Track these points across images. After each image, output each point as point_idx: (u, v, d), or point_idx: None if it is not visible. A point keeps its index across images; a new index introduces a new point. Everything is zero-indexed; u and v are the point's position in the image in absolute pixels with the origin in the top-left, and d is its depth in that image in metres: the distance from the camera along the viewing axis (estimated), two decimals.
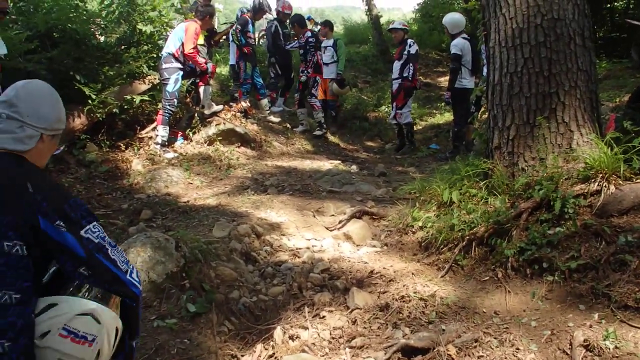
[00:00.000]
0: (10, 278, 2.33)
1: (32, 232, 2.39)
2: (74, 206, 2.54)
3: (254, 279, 5.77)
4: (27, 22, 9.83)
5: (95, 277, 2.53)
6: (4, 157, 2.54)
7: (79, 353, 2.45)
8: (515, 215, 5.31)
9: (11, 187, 2.44)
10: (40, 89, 2.78)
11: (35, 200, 2.42)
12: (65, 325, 2.41)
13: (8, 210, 2.37)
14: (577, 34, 5.66)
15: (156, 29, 11.69)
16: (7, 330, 2.28)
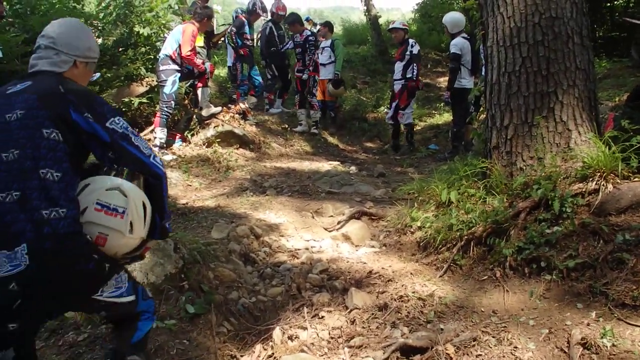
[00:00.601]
0: (51, 159, 2.87)
1: (64, 123, 2.95)
2: (99, 103, 3.12)
3: (252, 279, 5.77)
4: (24, 25, 9.84)
5: (121, 160, 3.08)
6: (44, 74, 3.18)
7: (113, 224, 3.01)
8: (514, 215, 5.31)
9: (46, 90, 3.02)
10: (72, 23, 3.44)
11: (66, 98, 2.99)
12: (97, 199, 3.00)
13: (44, 106, 2.94)
14: (575, 32, 5.66)
15: (153, 31, 11.71)
16: (60, 200, 2.83)
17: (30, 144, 2.85)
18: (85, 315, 4.49)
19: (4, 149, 2.85)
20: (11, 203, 2.76)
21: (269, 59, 14.47)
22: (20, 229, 2.72)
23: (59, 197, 2.82)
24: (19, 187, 2.78)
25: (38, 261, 2.72)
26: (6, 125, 2.90)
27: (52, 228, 2.76)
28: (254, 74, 14.15)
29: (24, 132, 2.88)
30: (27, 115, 2.91)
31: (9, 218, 2.73)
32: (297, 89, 14.44)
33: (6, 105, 2.97)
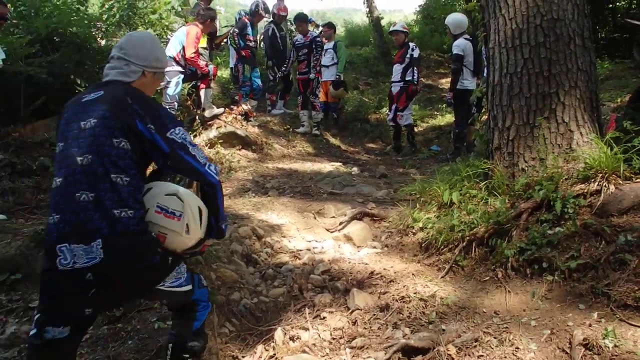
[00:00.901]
0: (122, 166, 3.20)
1: (132, 132, 3.24)
2: (162, 114, 3.42)
3: (254, 280, 5.78)
4: (28, 26, 9.86)
5: (179, 168, 3.43)
6: (115, 84, 3.48)
7: (171, 225, 3.36)
8: (516, 216, 5.31)
9: (116, 101, 3.32)
10: (143, 36, 3.83)
11: (133, 109, 3.28)
12: (158, 203, 3.35)
13: (114, 117, 3.24)
14: (577, 34, 5.67)
15: (157, 33, 11.71)
16: (129, 202, 3.17)
17: (102, 151, 3.18)
18: None
19: (80, 154, 3.19)
20: (86, 202, 3.11)
21: (275, 60, 14.47)
22: (96, 226, 3.07)
23: (128, 200, 3.17)
24: (93, 189, 3.13)
25: (111, 255, 3.07)
26: (82, 132, 3.24)
27: (124, 226, 3.12)
28: (254, 76, 14.13)
29: (97, 140, 3.19)
30: (99, 124, 3.23)
31: (84, 216, 3.09)
32: (300, 90, 14.43)
33: (82, 113, 3.31)
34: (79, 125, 3.27)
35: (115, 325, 4.42)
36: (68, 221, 3.11)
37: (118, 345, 4.18)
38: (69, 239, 3.07)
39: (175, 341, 3.77)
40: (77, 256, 3.05)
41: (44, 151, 8.87)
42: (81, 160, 3.18)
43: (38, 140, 8.92)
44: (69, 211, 3.12)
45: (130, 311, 4.57)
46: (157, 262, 3.32)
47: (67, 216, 3.12)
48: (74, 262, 3.05)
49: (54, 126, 9.25)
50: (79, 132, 3.25)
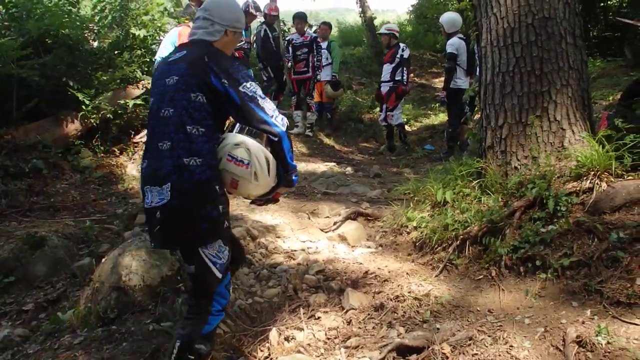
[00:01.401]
0: (197, 118, 3.58)
1: (207, 87, 3.60)
2: (235, 70, 3.71)
3: (249, 281, 5.77)
4: (20, 29, 9.82)
5: (248, 120, 3.70)
6: (199, 43, 3.84)
7: (240, 173, 3.72)
8: (509, 214, 5.33)
9: (194, 59, 3.69)
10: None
11: (209, 67, 3.61)
12: (228, 152, 3.70)
13: (192, 73, 3.62)
14: (568, 32, 5.68)
15: (149, 34, 11.67)
16: (199, 152, 3.55)
17: (181, 104, 3.59)
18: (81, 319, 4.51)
19: (162, 107, 3.66)
20: (164, 150, 3.57)
21: (266, 61, 14.46)
22: (168, 171, 3.52)
23: (199, 149, 3.56)
24: (170, 138, 3.57)
25: (176, 198, 3.51)
26: (165, 88, 3.69)
27: (190, 173, 3.51)
28: None
29: (177, 95, 3.62)
30: (180, 80, 3.64)
31: (161, 163, 3.56)
32: (294, 90, 14.41)
33: (166, 72, 3.74)
34: (164, 82, 3.71)
35: (110, 327, 4.42)
36: (151, 167, 3.65)
37: (112, 347, 4.18)
38: (150, 182, 3.62)
39: (183, 341, 3.81)
40: (153, 196, 3.58)
41: (37, 154, 8.87)
42: (163, 113, 3.64)
43: (31, 142, 8.91)
44: (152, 158, 3.66)
45: (124, 313, 4.57)
46: (214, 216, 3.65)
47: (150, 162, 3.66)
48: (151, 202, 3.59)
49: (46, 128, 9.27)
50: (164, 88, 3.71)
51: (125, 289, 4.65)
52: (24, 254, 5.72)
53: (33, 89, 9.38)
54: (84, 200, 8.36)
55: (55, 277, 5.72)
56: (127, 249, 4.93)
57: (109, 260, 4.89)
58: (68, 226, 6.96)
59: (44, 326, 4.73)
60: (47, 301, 5.27)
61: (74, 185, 8.86)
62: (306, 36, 13.98)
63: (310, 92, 14.21)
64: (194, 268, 3.78)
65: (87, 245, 6.38)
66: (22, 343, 4.54)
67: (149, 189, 3.63)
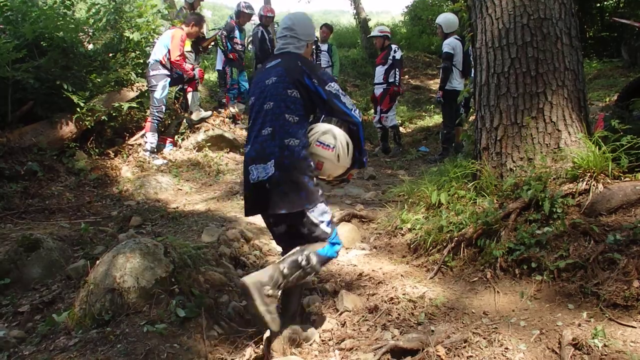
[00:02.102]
0: (293, 109, 4.41)
1: (301, 85, 4.45)
2: (322, 73, 4.61)
3: None
4: (15, 31, 9.81)
5: (333, 112, 4.54)
6: (291, 54, 4.70)
7: (327, 155, 4.54)
8: (504, 216, 5.31)
9: (290, 65, 4.56)
10: (305, 18, 4.92)
11: (302, 69, 4.49)
12: (317, 139, 4.54)
13: (288, 74, 4.49)
14: (564, 33, 5.69)
15: (143, 36, 11.68)
16: (295, 134, 4.35)
17: (280, 98, 4.44)
18: (76, 321, 4.49)
19: (265, 101, 4.50)
20: (266, 135, 4.39)
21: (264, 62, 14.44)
22: (271, 150, 4.32)
23: (295, 132, 4.36)
24: (271, 125, 4.40)
25: (280, 170, 4.29)
26: (267, 87, 4.54)
27: (290, 151, 4.30)
28: (242, 79, 14.13)
29: (276, 91, 4.47)
30: (278, 80, 4.50)
31: (264, 145, 4.37)
32: None
33: (267, 74, 4.63)
34: (264, 83, 4.58)
35: (104, 329, 4.38)
36: (255, 149, 4.43)
37: (107, 349, 4.15)
38: (255, 161, 4.40)
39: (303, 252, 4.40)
40: (259, 172, 4.36)
41: (32, 156, 8.86)
42: (266, 106, 4.47)
43: (26, 145, 8.91)
44: (256, 143, 4.45)
45: (119, 315, 4.54)
46: (309, 185, 4.36)
47: (255, 146, 4.45)
48: (257, 177, 4.37)
49: (41, 131, 9.26)
50: (264, 87, 4.57)
51: (120, 291, 4.62)
52: (19, 256, 5.69)
53: (28, 91, 9.37)
54: (79, 203, 8.34)
55: (51, 279, 5.69)
56: (121, 251, 4.89)
57: (103, 262, 4.86)
58: (63, 228, 6.94)
59: (39, 328, 4.70)
60: (42, 303, 5.24)
61: (69, 188, 8.85)
62: None
63: None
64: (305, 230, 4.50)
65: (81, 248, 6.35)
66: (18, 344, 4.51)
67: (254, 167, 4.41)
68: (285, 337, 4.35)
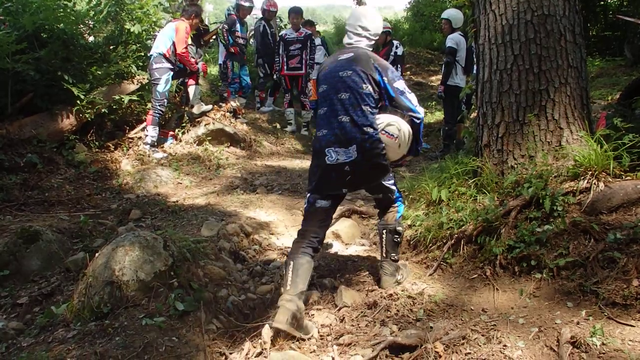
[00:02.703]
0: (367, 101, 4.95)
1: (373, 81, 4.98)
2: (391, 71, 5.08)
3: (242, 277, 5.75)
4: (15, 23, 9.78)
5: (399, 106, 5.08)
6: (363, 49, 5.19)
7: (390, 143, 5.02)
8: (504, 213, 5.30)
9: (363, 60, 5.05)
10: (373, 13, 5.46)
11: (374, 66, 5.00)
12: (383, 128, 5.01)
13: (363, 70, 4.98)
14: (568, 30, 5.66)
15: (144, 29, 11.65)
16: (371, 123, 4.93)
17: (356, 91, 4.96)
18: (75, 313, 4.49)
19: (340, 92, 5.01)
20: (346, 122, 4.93)
21: (265, 57, 14.38)
22: (353, 136, 4.88)
23: (372, 121, 4.95)
24: (349, 113, 4.94)
25: (361, 154, 4.89)
26: (341, 78, 5.03)
27: (369, 136, 4.90)
28: (243, 74, 14.08)
29: (353, 84, 4.97)
30: (354, 74, 4.99)
31: (345, 131, 4.91)
32: (287, 87, 14.25)
33: (340, 66, 5.10)
34: (338, 74, 5.06)
35: (103, 321, 4.37)
36: (333, 134, 4.96)
37: (105, 342, 4.14)
38: (333, 144, 4.93)
39: (388, 228, 5.38)
40: (339, 155, 4.90)
41: (32, 148, 8.85)
42: (341, 96, 4.99)
43: (25, 137, 8.90)
44: (333, 128, 4.98)
45: (117, 308, 4.54)
46: (385, 163, 5.06)
47: (332, 131, 4.97)
48: (337, 159, 4.91)
49: (41, 123, 9.24)
50: (339, 78, 5.04)
51: (119, 283, 4.61)
52: (18, 248, 5.68)
53: (28, 83, 9.35)
54: (78, 195, 8.33)
55: (50, 271, 5.69)
56: (120, 244, 4.88)
57: (102, 255, 4.84)
58: (62, 221, 6.93)
59: (38, 320, 4.70)
60: (41, 295, 5.24)
61: (69, 180, 8.83)
62: (300, 32, 13.82)
63: (303, 89, 14.06)
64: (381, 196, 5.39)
65: (81, 240, 6.35)
66: (16, 336, 4.51)
67: (332, 150, 4.94)
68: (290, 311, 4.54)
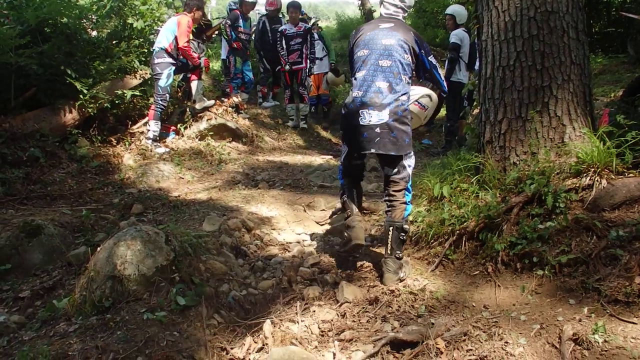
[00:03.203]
0: (407, 70, 5.42)
1: (413, 52, 5.46)
2: (426, 45, 5.61)
3: (244, 272, 5.75)
4: (18, 17, 9.79)
5: (431, 79, 5.73)
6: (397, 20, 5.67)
7: (419, 113, 5.80)
8: (506, 210, 5.30)
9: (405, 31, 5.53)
10: None
11: (415, 39, 5.49)
12: (417, 99, 5.73)
13: (405, 41, 5.42)
14: (571, 27, 5.64)
15: (147, 24, 11.64)
16: (406, 92, 5.42)
17: (398, 59, 5.40)
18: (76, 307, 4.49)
19: (381, 58, 5.42)
20: (383, 87, 5.35)
21: (263, 52, 14.41)
22: (388, 102, 5.32)
23: (406, 91, 5.45)
24: (388, 81, 5.37)
25: (392, 118, 5.30)
26: (384, 46, 5.44)
27: (402, 104, 5.37)
28: (246, 69, 14.09)
29: (395, 53, 5.40)
30: (397, 44, 5.42)
31: (381, 95, 5.34)
32: (286, 83, 14.18)
33: (383, 35, 5.51)
34: (381, 42, 5.46)
35: (104, 315, 4.38)
36: (369, 97, 5.36)
37: (107, 336, 4.15)
38: (368, 107, 5.36)
39: (395, 225, 5.39)
40: (372, 117, 5.33)
41: (34, 142, 8.86)
42: (382, 63, 5.40)
43: (28, 131, 8.90)
44: (369, 91, 5.38)
45: (119, 302, 4.54)
46: (410, 132, 5.48)
47: (369, 94, 5.37)
48: (369, 121, 5.35)
49: (44, 117, 9.25)
50: (381, 45, 5.45)
51: (120, 278, 4.62)
52: (20, 242, 5.70)
53: (31, 77, 9.36)
54: (81, 189, 8.35)
55: (51, 265, 5.71)
56: (122, 239, 4.89)
57: (104, 249, 4.85)
58: (64, 215, 6.95)
59: (39, 314, 4.72)
60: (43, 289, 5.25)
61: (71, 174, 8.85)
62: (299, 26, 13.78)
63: (302, 82, 14.02)
64: (397, 172, 5.51)
65: (83, 234, 6.37)
66: (18, 330, 4.52)
67: (366, 111, 5.37)
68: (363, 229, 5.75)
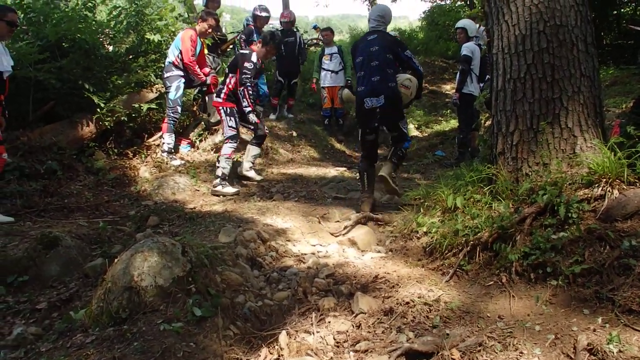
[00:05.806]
0: (390, 66, 7.58)
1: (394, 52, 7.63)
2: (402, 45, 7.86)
3: (259, 283, 5.77)
4: (38, 33, 9.92)
5: (408, 68, 7.82)
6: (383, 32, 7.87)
7: (405, 92, 7.75)
8: (519, 220, 5.32)
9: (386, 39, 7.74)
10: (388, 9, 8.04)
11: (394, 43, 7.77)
12: (401, 82, 7.70)
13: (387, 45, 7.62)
14: (580, 40, 5.69)
15: (164, 39, 11.76)
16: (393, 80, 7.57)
17: (383, 59, 7.49)
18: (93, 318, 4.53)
19: (372, 61, 7.51)
20: (376, 80, 7.45)
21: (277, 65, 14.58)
22: (382, 89, 7.43)
23: (393, 79, 7.53)
24: (379, 74, 7.46)
25: (387, 101, 7.43)
26: (372, 52, 7.55)
27: (392, 90, 7.46)
28: (260, 82, 14.17)
29: (380, 55, 7.50)
30: (380, 49, 7.52)
31: (377, 86, 7.44)
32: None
33: (369, 44, 7.64)
34: (369, 49, 7.59)
35: (121, 327, 4.42)
36: (369, 89, 7.51)
37: (124, 347, 4.18)
38: (369, 95, 7.50)
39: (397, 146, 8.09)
40: (373, 103, 7.49)
41: (52, 155, 8.96)
42: (373, 64, 7.50)
43: (46, 144, 9.01)
44: (369, 85, 7.51)
45: (136, 313, 4.58)
46: (401, 108, 7.75)
47: (368, 87, 7.53)
48: (371, 105, 7.51)
49: (61, 130, 9.35)
50: (370, 52, 7.57)
51: (137, 289, 4.64)
52: (37, 254, 5.76)
53: (49, 91, 9.50)
54: (97, 202, 8.42)
55: (68, 276, 5.75)
56: (139, 250, 4.93)
57: (121, 261, 4.89)
58: (81, 227, 7.00)
59: (56, 325, 4.75)
60: (60, 300, 5.29)
61: (88, 187, 8.93)
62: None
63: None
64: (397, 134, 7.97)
65: (99, 246, 6.42)
66: (35, 341, 4.55)
67: (368, 99, 7.53)
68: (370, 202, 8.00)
